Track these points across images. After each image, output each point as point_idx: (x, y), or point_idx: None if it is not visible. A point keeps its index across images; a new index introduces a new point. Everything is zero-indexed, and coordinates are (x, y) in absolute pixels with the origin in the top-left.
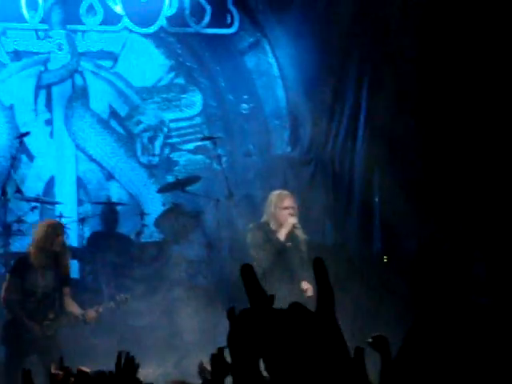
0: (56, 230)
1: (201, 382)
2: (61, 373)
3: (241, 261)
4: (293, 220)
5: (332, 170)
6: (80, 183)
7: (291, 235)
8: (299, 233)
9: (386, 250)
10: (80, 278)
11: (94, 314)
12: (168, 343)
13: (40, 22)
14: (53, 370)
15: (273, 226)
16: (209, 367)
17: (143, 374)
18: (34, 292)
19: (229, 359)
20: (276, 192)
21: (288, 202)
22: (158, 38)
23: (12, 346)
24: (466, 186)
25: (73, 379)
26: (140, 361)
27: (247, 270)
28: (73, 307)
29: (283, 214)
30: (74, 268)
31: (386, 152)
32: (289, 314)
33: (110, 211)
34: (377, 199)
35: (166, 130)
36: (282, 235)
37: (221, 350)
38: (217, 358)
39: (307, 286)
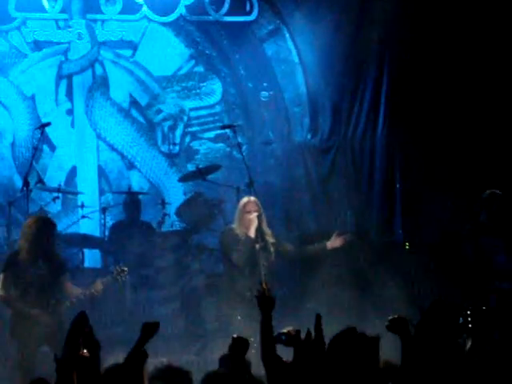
0: (48, 225)
1: None
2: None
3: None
4: (254, 216)
5: (352, 157)
6: (101, 173)
7: (259, 237)
8: (268, 236)
9: (408, 237)
10: (102, 267)
11: (100, 285)
12: (190, 331)
13: (60, 12)
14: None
15: (238, 229)
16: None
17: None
18: (32, 283)
19: None
20: (243, 198)
21: (250, 206)
22: (177, 27)
23: (22, 338)
24: (491, 168)
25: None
26: (162, 349)
27: None
28: (73, 289)
29: (247, 218)
30: (97, 258)
31: (407, 138)
32: None
33: (131, 201)
34: (398, 186)
35: (186, 118)
36: (251, 233)
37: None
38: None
39: None
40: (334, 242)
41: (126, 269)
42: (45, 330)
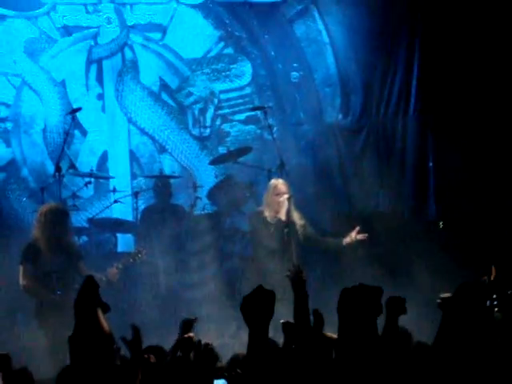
0: (60, 214)
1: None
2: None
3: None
4: (284, 199)
5: (384, 136)
6: (133, 157)
7: (288, 220)
8: (297, 219)
9: (442, 216)
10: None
11: (115, 270)
12: (224, 314)
13: None
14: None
15: (267, 212)
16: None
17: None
18: (52, 271)
19: None
20: (272, 180)
21: (280, 188)
22: (205, 9)
23: (51, 325)
24: None
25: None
26: (197, 333)
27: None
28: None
29: (276, 200)
30: (130, 242)
31: (439, 117)
32: None
33: (163, 184)
34: (431, 164)
35: (216, 101)
36: (282, 215)
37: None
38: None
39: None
40: (350, 239)
41: (142, 250)
42: (69, 315)
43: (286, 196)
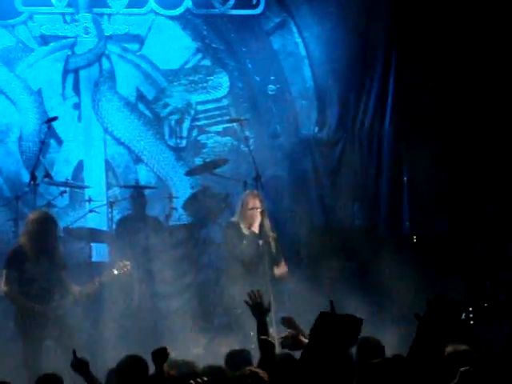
0: (49, 222)
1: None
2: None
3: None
4: (258, 212)
5: (360, 150)
6: (108, 167)
7: (262, 233)
8: (268, 230)
9: (416, 230)
10: (110, 261)
11: (92, 286)
12: (198, 326)
13: (66, 6)
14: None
15: (242, 224)
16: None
17: (175, 356)
18: (35, 279)
19: None
20: (246, 193)
21: (254, 203)
22: (184, 20)
23: (26, 334)
24: (499, 164)
25: None
26: (170, 343)
27: None
28: (71, 287)
29: (250, 214)
30: (104, 252)
31: (415, 131)
32: None
33: (137, 195)
34: (406, 178)
35: (193, 112)
36: (255, 228)
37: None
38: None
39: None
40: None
41: (128, 263)
42: (48, 325)
43: (259, 210)
